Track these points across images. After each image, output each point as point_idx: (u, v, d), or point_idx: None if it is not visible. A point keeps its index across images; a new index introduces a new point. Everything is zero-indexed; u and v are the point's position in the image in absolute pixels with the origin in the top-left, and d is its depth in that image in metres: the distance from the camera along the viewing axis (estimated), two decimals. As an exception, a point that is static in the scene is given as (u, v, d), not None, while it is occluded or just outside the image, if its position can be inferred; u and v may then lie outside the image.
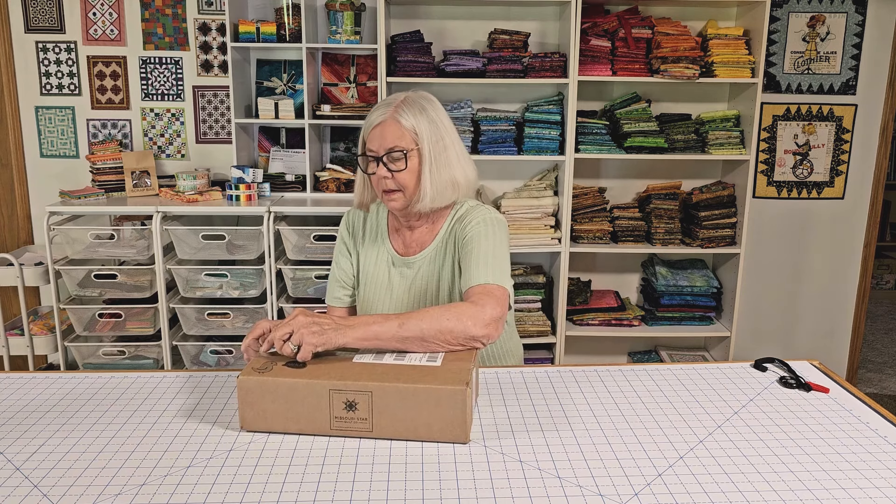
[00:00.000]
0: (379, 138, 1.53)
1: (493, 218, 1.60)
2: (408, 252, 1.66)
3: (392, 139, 1.52)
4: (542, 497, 1.05)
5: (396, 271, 1.66)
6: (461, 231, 1.60)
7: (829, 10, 3.23)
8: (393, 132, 1.52)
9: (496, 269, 1.49)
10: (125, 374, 1.50)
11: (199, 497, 1.05)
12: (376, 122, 1.54)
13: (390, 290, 1.66)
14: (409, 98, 1.56)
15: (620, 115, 3.09)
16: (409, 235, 1.67)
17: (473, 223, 1.58)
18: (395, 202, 1.57)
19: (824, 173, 3.39)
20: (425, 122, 1.54)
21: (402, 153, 1.53)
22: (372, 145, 1.54)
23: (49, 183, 3.27)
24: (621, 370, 1.52)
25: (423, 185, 1.55)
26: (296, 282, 2.87)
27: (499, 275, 1.48)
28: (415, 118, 1.54)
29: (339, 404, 1.20)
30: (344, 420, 1.21)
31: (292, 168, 3.22)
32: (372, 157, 1.55)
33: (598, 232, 3.15)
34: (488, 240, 1.54)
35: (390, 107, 1.54)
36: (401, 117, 1.53)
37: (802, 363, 1.57)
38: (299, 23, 2.97)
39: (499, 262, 1.51)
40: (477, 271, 1.48)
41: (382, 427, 1.21)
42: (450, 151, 1.57)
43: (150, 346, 2.97)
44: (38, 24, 3.17)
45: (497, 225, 1.59)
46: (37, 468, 1.13)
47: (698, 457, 1.16)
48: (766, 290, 3.50)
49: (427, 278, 1.63)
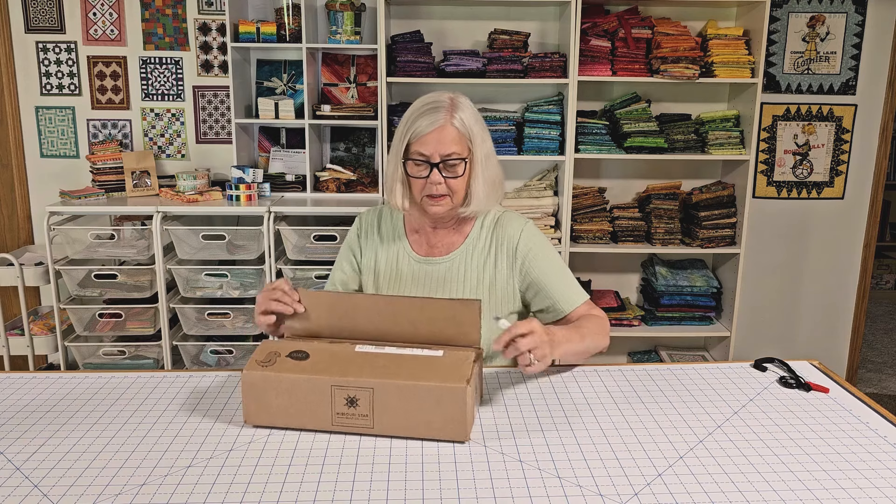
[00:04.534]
0: (435, 143, 1.48)
1: (533, 227, 1.64)
2: (432, 252, 1.63)
3: (451, 145, 1.49)
4: (542, 497, 1.05)
5: (420, 271, 1.62)
6: (511, 244, 1.59)
7: (828, 10, 3.23)
8: (452, 138, 1.49)
9: (574, 282, 1.62)
10: (125, 374, 1.50)
11: (200, 497, 1.05)
12: (432, 127, 1.48)
13: (413, 290, 1.62)
14: (456, 101, 1.52)
15: (620, 115, 3.09)
16: (434, 236, 1.63)
17: (524, 239, 1.60)
18: (440, 207, 1.53)
19: (824, 173, 3.39)
20: (476, 126, 1.52)
21: (460, 159, 1.50)
22: (425, 150, 1.49)
23: (49, 183, 3.27)
24: (621, 370, 1.52)
25: (475, 190, 1.54)
26: (296, 282, 2.87)
27: (579, 287, 1.62)
28: (469, 122, 1.51)
29: (341, 400, 1.21)
30: (345, 416, 1.21)
31: (292, 168, 3.22)
32: (422, 161, 1.50)
33: (598, 232, 3.15)
34: (550, 253, 1.62)
35: (441, 110, 1.49)
36: (458, 122, 1.49)
37: (802, 363, 1.57)
38: (299, 23, 2.97)
39: (570, 274, 1.63)
40: (569, 291, 1.60)
41: (383, 424, 1.21)
42: (492, 153, 1.58)
43: (150, 346, 2.97)
44: (39, 24, 3.17)
45: (540, 233, 1.64)
46: (37, 468, 1.13)
47: (698, 457, 1.16)
48: (766, 290, 3.50)
49: (456, 278, 1.60)
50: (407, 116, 1.53)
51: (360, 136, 3.28)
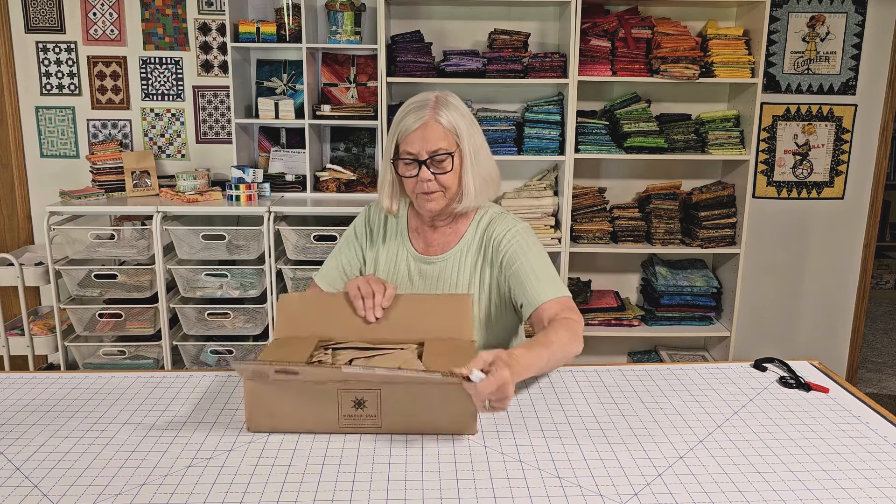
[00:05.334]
0: (420, 141, 1.49)
1: (524, 228, 1.61)
2: (428, 251, 1.65)
3: (436, 141, 1.50)
4: (542, 497, 1.05)
5: (416, 269, 1.64)
6: (495, 243, 1.58)
7: (828, 10, 3.23)
8: (436, 134, 1.50)
9: (553, 279, 1.53)
10: (125, 374, 1.50)
11: (200, 497, 1.05)
12: (416, 125, 1.49)
13: (410, 288, 1.64)
14: (440, 98, 1.53)
15: (620, 115, 3.09)
16: (431, 235, 1.65)
17: (508, 236, 1.57)
18: (434, 203, 1.54)
19: (824, 173, 3.39)
20: (462, 121, 1.53)
21: (447, 155, 1.51)
22: (411, 148, 1.50)
23: (49, 183, 3.27)
24: (621, 370, 1.52)
25: (466, 184, 1.54)
26: (296, 282, 2.87)
27: (558, 285, 1.53)
28: (454, 118, 1.52)
29: (348, 402, 1.20)
30: (352, 418, 1.20)
31: (292, 168, 3.22)
32: (411, 160, 1.51)
33: (598, 232, 3.15)
34: (532, 251, 1.56)
35: (426, 108, 1.51)
36: (441, 118, 1.50)
37: (802, 363, 1.57)
38: (299, 23, 2.97)
39: (551, 272, 1.55)
40: (540, 287, 1.51)
41: (391, 423, 1.20)
42: (482, 148, 1.58)
43: (150, 346, 2.97)
44: (39, 24, 3.17)
45: (530, 234, 1.61)
46: (37, 468, 1.13)
47: (698, 457, 1.16)
48: (766, 290, 3.50)
49: (450, 278, 1.62)
50: (395, 118, 1.55)
51: (360, 136, 3.28)
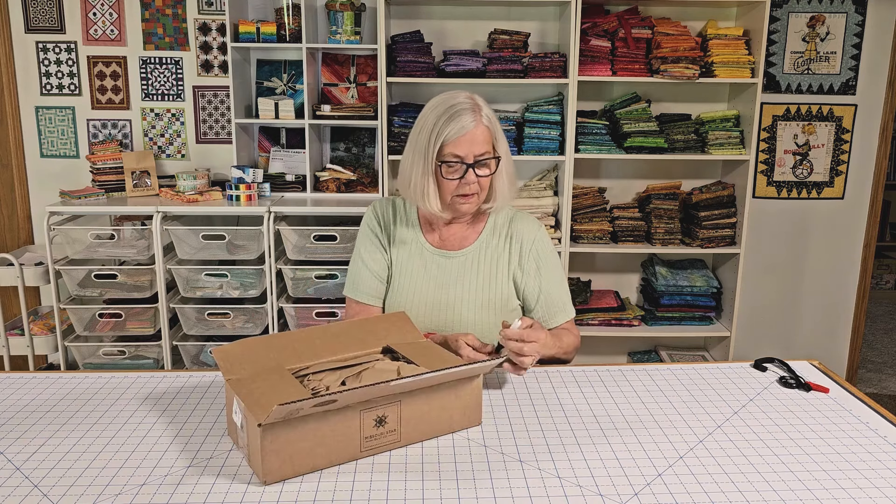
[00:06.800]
0: (469, 144, 1.51)
1: (546, 233, 1.70)
2: (445, 246, 1.66)
3: (482, 144, 1.52)
4: (542, 497, 1.05)
5: (434, 264, 1.65)
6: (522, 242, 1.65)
7: (828, 10, 3.23)
8: (484, 138, 1.53)
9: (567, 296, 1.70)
10: (125, 374, 1.50)
11: (199, 497, 1.05)
12: (466, 130, 1.50)
13: (428, 282, 1.64)
14: (476, 99, 1.55)
15: (620, 115, 3.09)
16: (446, 230, 1.67)
17: (536, 242, 1.66)
18: (470, 205, 1.57)
19: (824, 173, 3.39)
20: (498, 124, 1.57)
21: (492, 158, 1.55)
22: (459, 151, 1.51)
23: (49, 183, 3.27)
24: (621, 370, 1.52)
25: (501, 186, 1.59)
26: (296, 282, 2.87)
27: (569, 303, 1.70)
28: (493, 120, 1.55)
29: (370, 422, 1.15)
30: (374, 438, 1.16)
31: (292, 168, 3.22)
32: (456, 162, 1.52)
33: (598, 232, 3.15)
34: (552, 260, 1.68)
35: (468, 112, 1.51)
36: (486, 121, 1.53)
37: (802, 363, 1.57)
38: (299, 23, 2.97)
39: (566, 287, 1.71)
40: (564, 307, 1.68)
41: (409, 433, 1.19)
42: (509, 150, 1.62)
43: (150, 346, 2.97)
44: (39, 24, 3.17)
45: (549, 240, 1.71)
46: (37, 468, 1.13)
47: (698, 457, 1.16)
48: (766, 290, 3.50)
49: (470, 272, 1.64)
50: (432, 120, 1.52)
51: (360, 136, 3.28)
